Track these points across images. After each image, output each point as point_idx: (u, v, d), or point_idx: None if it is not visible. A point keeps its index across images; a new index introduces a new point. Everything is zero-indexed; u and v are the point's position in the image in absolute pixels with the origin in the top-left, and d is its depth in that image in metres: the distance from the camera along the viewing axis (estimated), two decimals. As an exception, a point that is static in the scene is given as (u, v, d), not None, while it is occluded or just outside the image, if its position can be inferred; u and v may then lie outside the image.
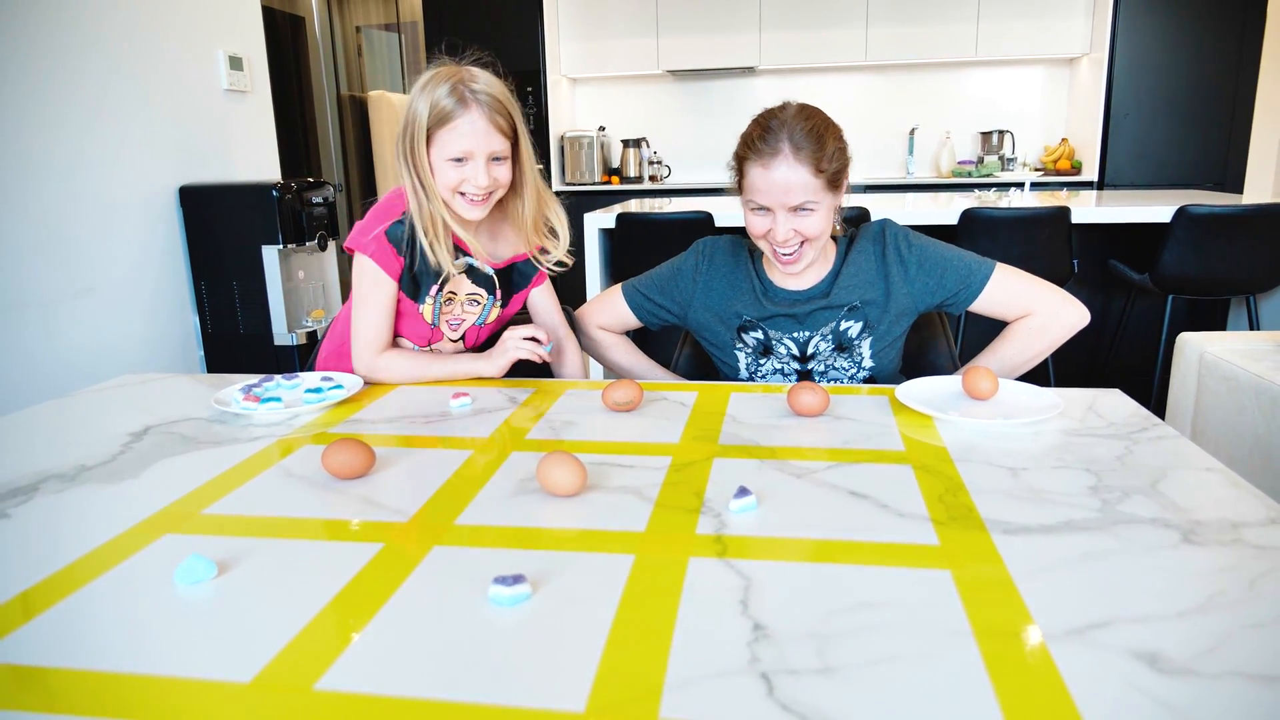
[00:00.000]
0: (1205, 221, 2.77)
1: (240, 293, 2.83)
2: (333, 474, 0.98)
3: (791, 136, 1.31)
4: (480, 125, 1.32)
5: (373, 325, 1.42)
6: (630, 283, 1.62)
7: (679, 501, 0.89)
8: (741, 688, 0.58)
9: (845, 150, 1.38)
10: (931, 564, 0.75)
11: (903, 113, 5.39)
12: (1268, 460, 1.71)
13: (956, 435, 1.08)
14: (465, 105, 1.31)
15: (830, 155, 1.33)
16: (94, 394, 1.40)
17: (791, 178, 1.31)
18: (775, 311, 1.46)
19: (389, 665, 0.62)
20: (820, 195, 1.33)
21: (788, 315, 1.45)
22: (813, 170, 1.31)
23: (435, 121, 1.32)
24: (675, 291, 1.55)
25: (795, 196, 1.32)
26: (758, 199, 1.35)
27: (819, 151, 1.31)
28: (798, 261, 1.39)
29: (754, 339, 1.48)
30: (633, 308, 1.60)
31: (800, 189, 1.31)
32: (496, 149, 1.34)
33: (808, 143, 1.31)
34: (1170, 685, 0.57)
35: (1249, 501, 0.86)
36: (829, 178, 1.33)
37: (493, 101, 1.33)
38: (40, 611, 0.71)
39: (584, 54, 5.45)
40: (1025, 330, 1.44)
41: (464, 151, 1.32)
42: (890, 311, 1.44)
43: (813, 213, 1.34)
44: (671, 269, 1.57)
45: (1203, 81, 4.59)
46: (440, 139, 1.33)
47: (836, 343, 1.45)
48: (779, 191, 1.32)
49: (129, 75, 2.61)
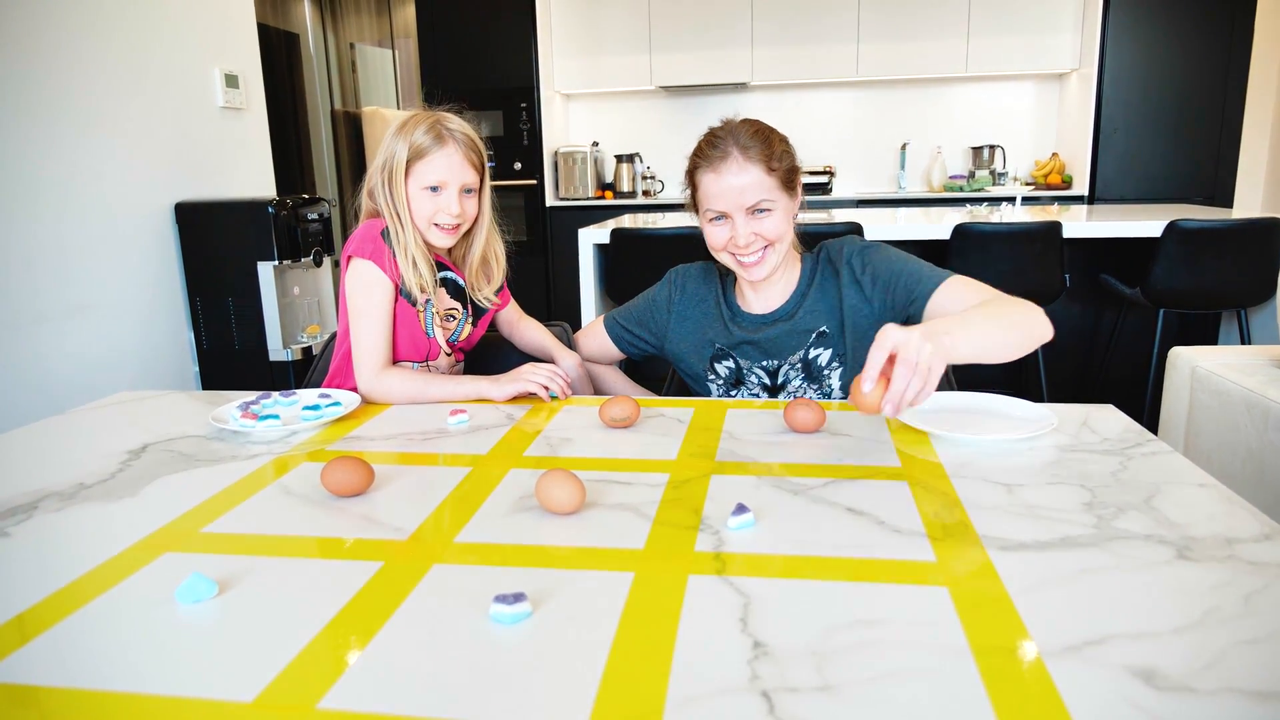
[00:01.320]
0: (1195, 236, 2.80)
1: (236, 309, 2.83)
2: (331, 492, 0.98)
3: (738, 140, 1.34)
4: (455, 159, 1.45)
5: (373, 338, 1.43)
6: (611, 314, 1.64)
7: (677, 519, 0.90)
8: (742, 706, 0.58)
9: (793, 154, 1.39)
10: (928, 580, 0.75)
11: (894, 128, 5.43)
12: (1260, 475, 1.72)
13: (952, 451, 1.09)
14: (442, 141, 1.44)
15: (779, 155, 1.35)
16: (92, 411, 1.40)
17: (744, 178, 1.33)
18: (743, 338, 1.47)
19: (391, 684, 0.62)
20: (775, 195, 1.35)
21: (755, 343, 1.46)
22: (764, 168, 1.33)
23: (414, 155, 1.44)
24: (651, 323, 1.57)
25: (750, 195, 1.33)
26: (714, 205, 1.36)
27: (767, 150, 1.34)
28: (762, 265, 1.38)
29: (726, 368, 1.49)
30: (614, 339, 1.62)
31: (754, 188, 1.33)
32: (468, 181, 1.47)
33: (754, 142, 1.34)
34: (1166, 702, 0.58)
35: (1243, 517, 0.87)
36: (781, 177, 1.35)
37: (466, 140, 1.47)
38: (40, 631, 0.71)
39: (577, 70, 5.49)
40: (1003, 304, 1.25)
41: (439, 180, 1.44)
42: (858, 337, 1.41)
43: (770, 213, 1.35)
44: (646, 300, 1.59)
45: (1191, 96, 4.64)
46: (417, 171, 1.44)
47: (806, 372, 1.44)
48: (734, 193, 1.33)
49: (125, 93, 2.62)
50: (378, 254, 1.44)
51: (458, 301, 1.56)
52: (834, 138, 5.44)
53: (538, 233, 5.31)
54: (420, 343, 1.51)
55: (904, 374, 0.99)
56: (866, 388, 1.00)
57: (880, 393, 0.99)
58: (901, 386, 0.99)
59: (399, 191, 1.45)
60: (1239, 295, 2.88)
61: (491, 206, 1.55)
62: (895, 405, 0.98)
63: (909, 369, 0.99)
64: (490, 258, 1.58)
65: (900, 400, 0.98)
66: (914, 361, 0.99)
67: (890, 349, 1.00)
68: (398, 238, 1.45)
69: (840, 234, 2.89)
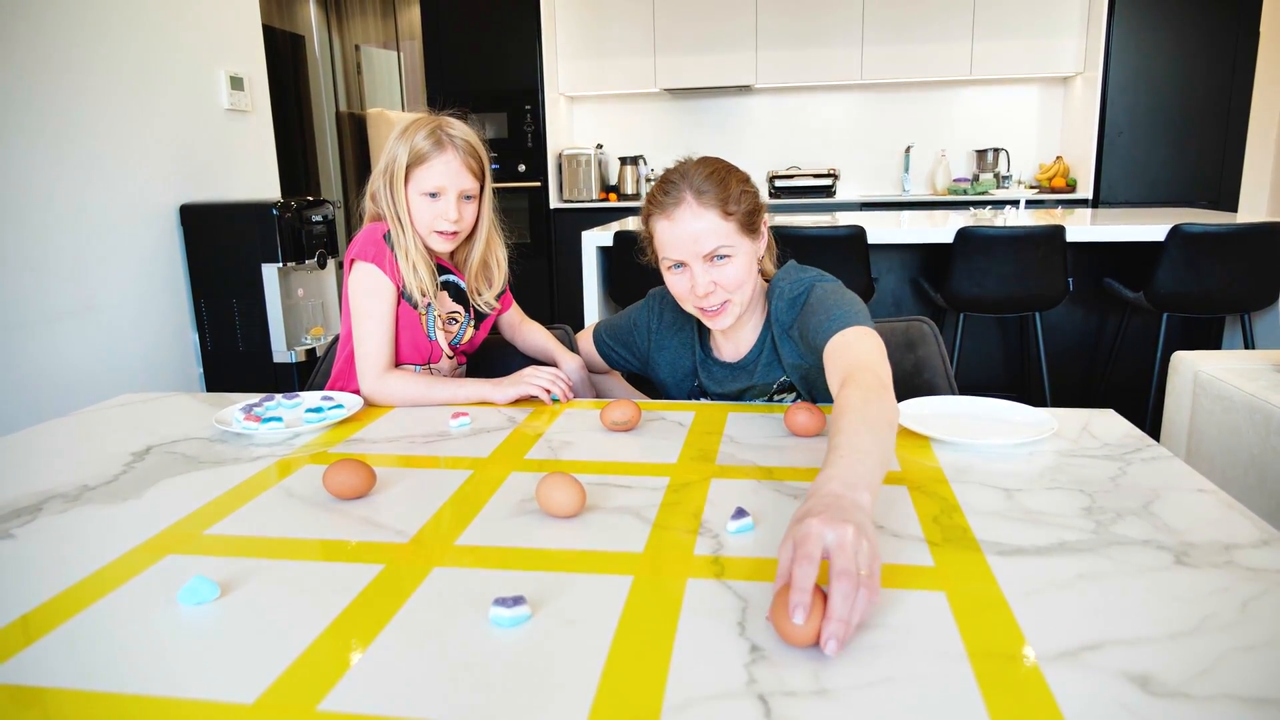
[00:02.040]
0: (1200, 240, 2.79)
1: (240, 311, 2.84)
2: (333, 494, 0.98)
3: (692, 184, 1.27)
4: (454, 165, 1.44)
5: (375, 341, 1.44)
6: (599, 327, 1.63)
7: (677, 522, 0.90)
8: (739, 710, 0.59)
9: (754, 193, 1.32)
10: (926, 585, 0.75)
11: (898, 131, 5.43)
12: (1262, 479, 1.72)
13: (952, 456, 1.09)
14: (442, 147, 1.44)
15: (735, 197, 1.27)
16: (96, 413, 1.40)
17: (698, 224, 1.26)
18: (712, 383, 1.47)
19: (392, 686, 0.62)
20: (734, 240, 1.28)
21: (721, 394, 1.46)
22: (720, 213, 1.26)
23: (414, 160, 1.44)
24: (633, 345, 1.57)
25: (706, 243, 1.26)
26: (669, 254, 1.29)
27: (723, 193, 1.27)
28: (724, 315, 1.32)
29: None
30: (600, 352, 1.62)
31: (710, 234, 1.26)
32: (467, 188, 1.46)
33: (709, 186, 1.27)
34: (1162, 708, 0.58)
35: (1241, 523, 0.87)
36: (740, 220, 1.28)
37: (467, 146, 1.46)
38: (43, 633, 0.71)
39: (582, 72, 5.49)
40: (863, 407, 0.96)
41: (438, 186, 1.44)
42: (810, 385, 1.39)
43: (730, 259, 1.28)
44: (629, 321, 1.57)
45: (1196, 100, 4.64)
46: (417, 176, 1.44)
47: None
48: (689, 240, 1.26)
49: (131, 95, 2.63)
50: (380, 257, 1.45)
51: (460, 305, 1.56)
52: (838, 140, 5.44)
53: (541, 235, 5.32)
54: (422, 346, 1.51)
55: (846, 592, 0.67)
56: (798, 619, 0.66)
57: (816, 621, 0.66)
58: (846, 612, 0.66)
59: (399, 196, 1.45)
60: (1243, 300, 2.87)
61: (493, 211, 1.56)
62: (841, 639, 0.65)
63: (850, 583, 0.67)
64: (491, 262, 1.59)
65: (849, 629, 0.66)
66: (853, 571, 0.68)
67: (815, 557, 0.69)
68: (399, 241, 1.46)
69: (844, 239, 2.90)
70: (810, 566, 0.68)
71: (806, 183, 5.16)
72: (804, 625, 0.64)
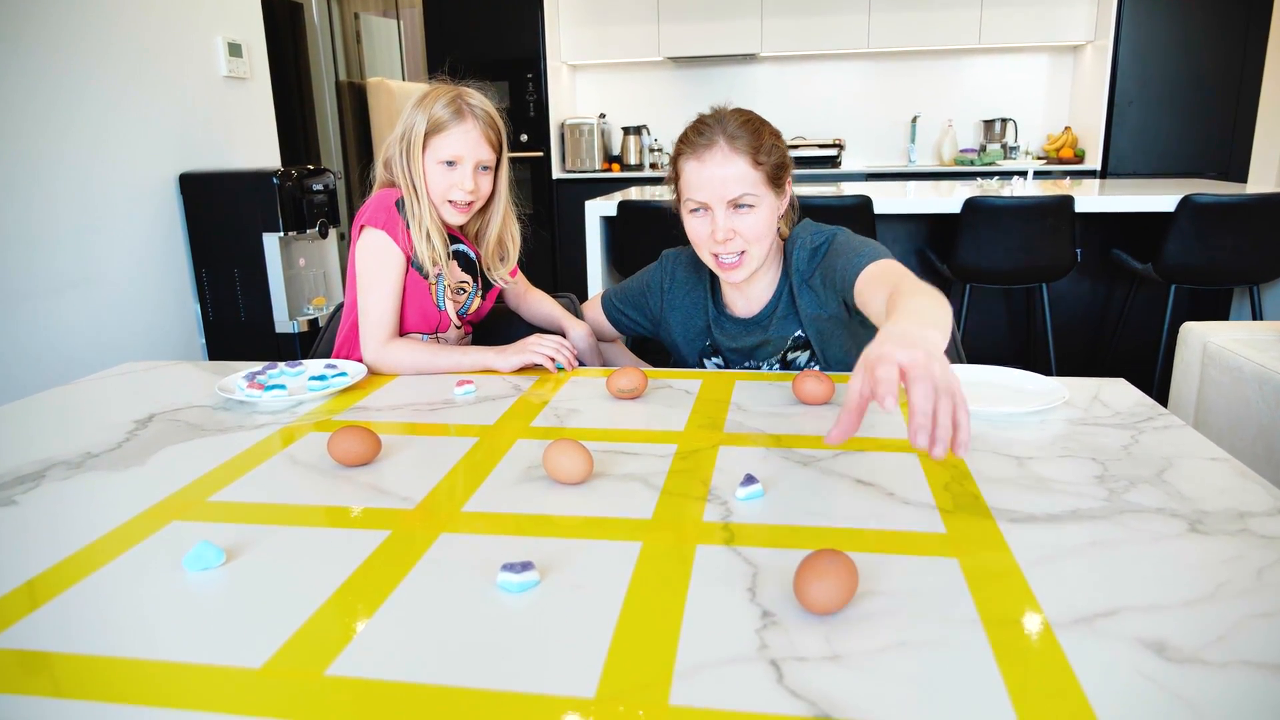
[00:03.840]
0: (1209, 211, 2.76)
1: (241, 280, 2.82)
2: (338, 461, 0.98)
3: (726, 129, 1.28)
4: (473, 135, 1.43)
5: (381, 309, 1.43)
6: (609, 293, 1.63)
7: (685, 489, 0.89)
8: (751, 674, 0.58)
9: (784, 150, 1.33)
10: (938, 552, 0.75)
11: (905, 100, 5.37)
12: (1271, 450, 1.71)
13: (962, 424, 1.08)
14: (462, 116, 1.42)
15: (767, 148, 1.29)
16: (98, 381, 1.39)
17: (728, 169, 1.27)
18: (726, 344, 1.46)
19: (399, 651, 0.62)
20: (760, 190, 1.29)
21: (736, 349, 1.45)
22: (750, 161, 1.27)
23: (432, 128, 1.42)
24: (645, 307, 1.57)
25: (733, 188, 1.27)
26: (695, 195, 1.30)
27: (755, 142, 1.28)
28: (740, 268, 1.33)
29: (714, 364, 1.50)
30: (609, 318, 1.61)
31: (737, 180, 1.27)
32: (484, 158, 1.45)
33: (743, 133, 1.28)
34: (1178, 673, 0.57)
35: (1255, 491, 0.86)
36: (768, 173, 1.29)
37: (486, 116, 1.45)
38: (48, 598, 0.71)
39: (584, 40, 5.42)
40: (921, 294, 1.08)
41: (455, 155, 1.42)
42: (825, 340, 1.39)
43: (753, 209, 1.29)
44: (640, 283, 1.57)
45: (1207, 70, 4.57)
46: (435, 145, 1.43)
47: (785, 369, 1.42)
48: (716, 184, 1.27)
49: (128, 62, 2.60)
50: (391, 224, 1.43)
51: (469, 275, 1.55)
52: (844, 110, 5.38)
53: (544, 205, 5.28)
54: (431, 315, 1.50)
55: (927, 393, 0.74)
56: (890, 405, 0.73)
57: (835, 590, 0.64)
58: (929, 407, 0.73)
59: (416, 164, 1.43)
60: (1252, 271, 2.85)
61: (510, 187, 1.54)
62: (929, 433, 0.73)
63: (928, 385, 0.74)
64: (507, 239, 1.57)
65: (935, 425, 0.73)
66: (931, 378, 0.75)
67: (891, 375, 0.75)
68: (413, 210, 1.44)
69: (851, 208, 2.88)
70: (888, 371, 0.75)
71: (812, 153, 5.11)
72: (827, 593, 0.64)
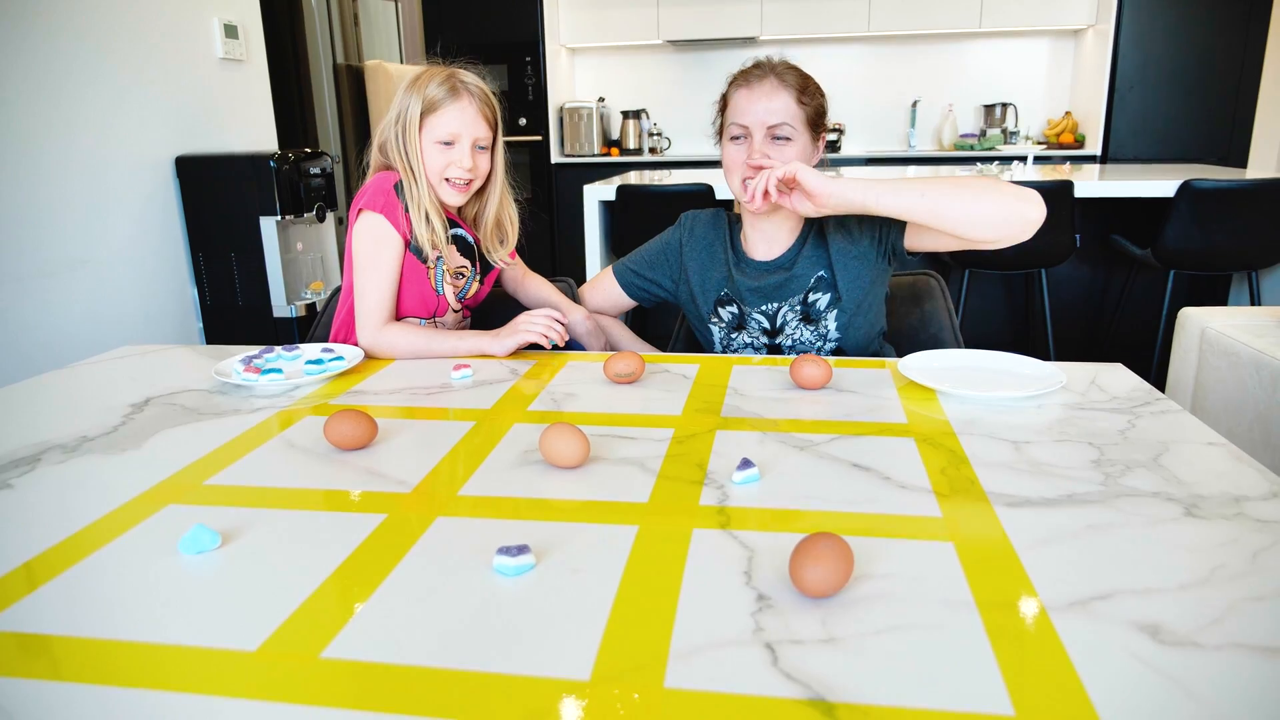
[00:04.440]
0: (1209, 196, 2.76)
1: (238, 264, 2.81)
2: (335, 445, 0.98)
3: (776, 69, 1.39)
4: (470, 112, 1.43)
5: (377, 293, 1.42)
6: (620, 263, 1.64)
7: (682, 473, 0.89)
8: (746, 657, 0.58)
9: (824, 102, 1.43)
10: (934, 536, 0.75)
11: (905, 85, 5.34)
12: (1268, 435, 1.71)
13: (959, 408, 1.08)
14: (457, 94, 1.42)
15: (812, 91, 1.40)
16: (94, 365, 1.39)
17: (774, 99, 1.36)
18: (746, 285, 1.48)
19: (395, 634, 0.62)
20: (799, 126, 1.37)
21: (757, 289, 1.47)
22: (795, 97, 1.37)
23: (428, 108, 1.42)
24: (665, 265, 1.58)
25: (775, 116, 1.36)
26: (739, 119, 1.38)
27: (802, 83, 1.39)
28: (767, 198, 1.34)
29: (729, 313, 1.50)
30: (624, 286, 1.62)
31: (781, 110, 1.36)
32: (481, 136, 1.45)
33: (792, 74, 1.39)
34: (1172, 656, 0.57)
35: (1251, 476, 0.86)
36: (810, 114, 1.39)
37: (481, 94, 1.45)
38: (45, 581, 0.71)
39: (583, 23, 5.39)
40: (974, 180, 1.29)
41: (452, 134, 1.43)
42: (850, 279, 1.42)
43: (790, 142, 1.37)
44: (660, 243, 1.60)
45: (1208, 55, 4.55)
46: (431, 124, 1.43)
47: (804, 315, 1.45)
48: (760, 110, 1.36)
49: (123, 43, 2.58)
50: (390, 208, 1.42)
51: (467, 259, 1.54)
52: (844, 94, 5.35)
53: (543, 189, 5.26)
54: (429, 299, 1.50)
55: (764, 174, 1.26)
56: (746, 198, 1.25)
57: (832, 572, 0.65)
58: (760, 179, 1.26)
59: (413, 145, 1.43)
60: (1251, 257, 2.85)
61: (505, 168, 1.54)
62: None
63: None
64: (505, 220, 1.57)
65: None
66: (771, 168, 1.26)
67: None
68: (411, 193, 1.43)
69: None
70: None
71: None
72: (822, 577, 0.64)
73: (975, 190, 1.25)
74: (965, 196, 1.24)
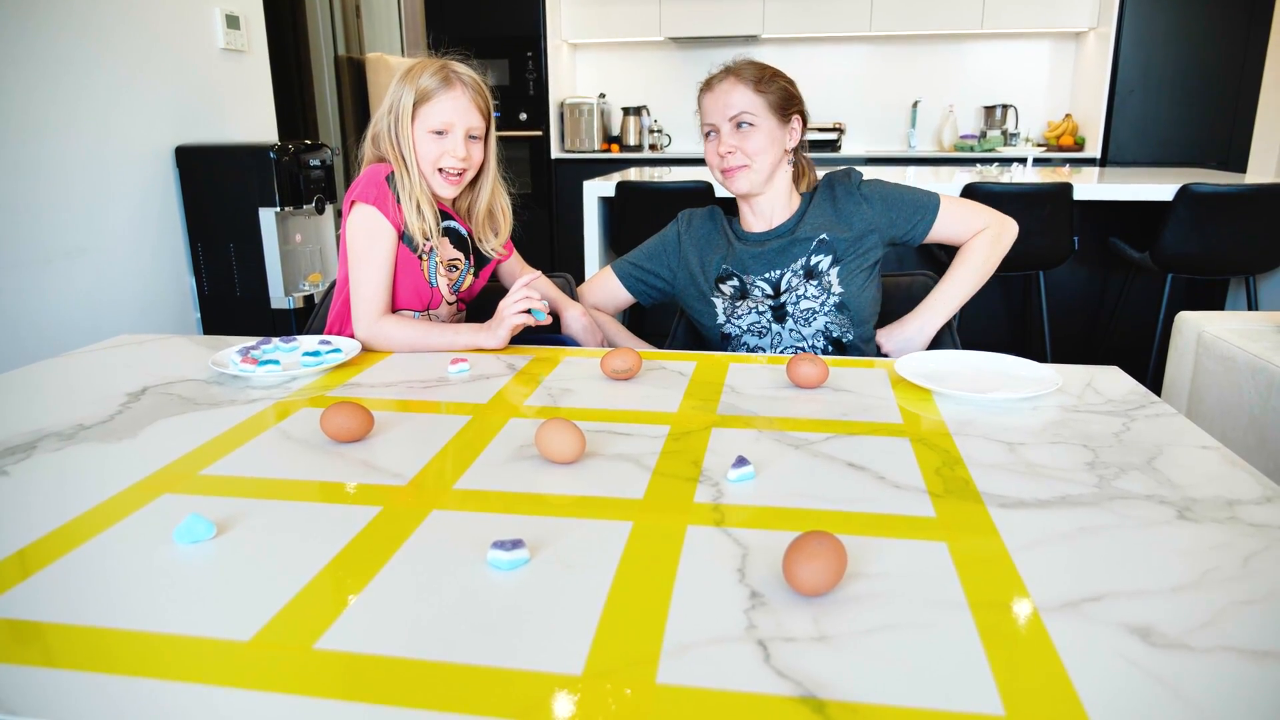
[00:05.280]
0: (1207, 200, 2.76)
1: (237, 255, 2.81)
2: (331, 437, 0.98)
3: (735, 67, 1.51)
4: (463, 102, 1.44)
5: (373, 285, 1.42)
6: (619, 260, 1.68)
7: (677, 470, 0.89)
8: (738, 654, 0.58)
9: (790, 87, 1.52)
10: (928, 536, 0.75)
11: (906, 85, 5.34)
12: (1263, 440, 1.72)
13: (955, 409, 1.08)
14: (450, 84, 1.44)
15: (768, 79, 1.49)
16: (91, 353, 1.39)
17: (732, 93, 1.48)
18: (748, 253, 1.54)
19: (388, 626, 0.62)
20: (760, 113, 1.47)
21: (759, 255, 1.53)
22: (752, 88, 1.47)
23: (421, 98, 1.43)
24: (664, 258, 1.64)
25: (734, 107, 1.47)
26: (707, 119, 1.51)
27: (758, 74, 1.48)
28: (738, 176, 1.49)
29: (731, 286, 1.56)
30: (623, 280, 1.66)
31: (739, 102, 1.47)
32: (474, 126, 1.46)
33: (748, 68, 1.50)
34: (1163, 659, 0.58)
35: (1244, 480, 0.86)
36: (771, 101, 1.48)
37: (474, 84, 1.47)
38: (39, 568, 0.71)
39: (585, 19, 5.38)
40: (988, 239, 1.57)
41: (445, 123, 1.43)
42: (856, 241, 1.52)
43: (754, 129, 1.47)
44: (659, 238, 1.66)
45: (1209, 60, 4.55)
46: (423, 114, 1.44)
47: (807, 275, 1.52)
48: (721, 105, 1.48)
49: (124, 33, 2.57)
50: (382, 200, 1.42)
51: (460, 252, 1.54)
52: (845, 94, 5.35)
53: (542, 185, 5.26)
54: (423, 291, 1.50)
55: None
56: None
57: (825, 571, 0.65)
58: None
59: (405, 136, 1.43)
60: (1249, 261, 2.85)
61: (498, 159, 1.55)
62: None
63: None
64: (497, 210, 1.58)
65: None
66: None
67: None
68: (403, 182, 1.43)
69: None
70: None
71: (812, 136, 5.06)
72: (815, 575, 0.64)
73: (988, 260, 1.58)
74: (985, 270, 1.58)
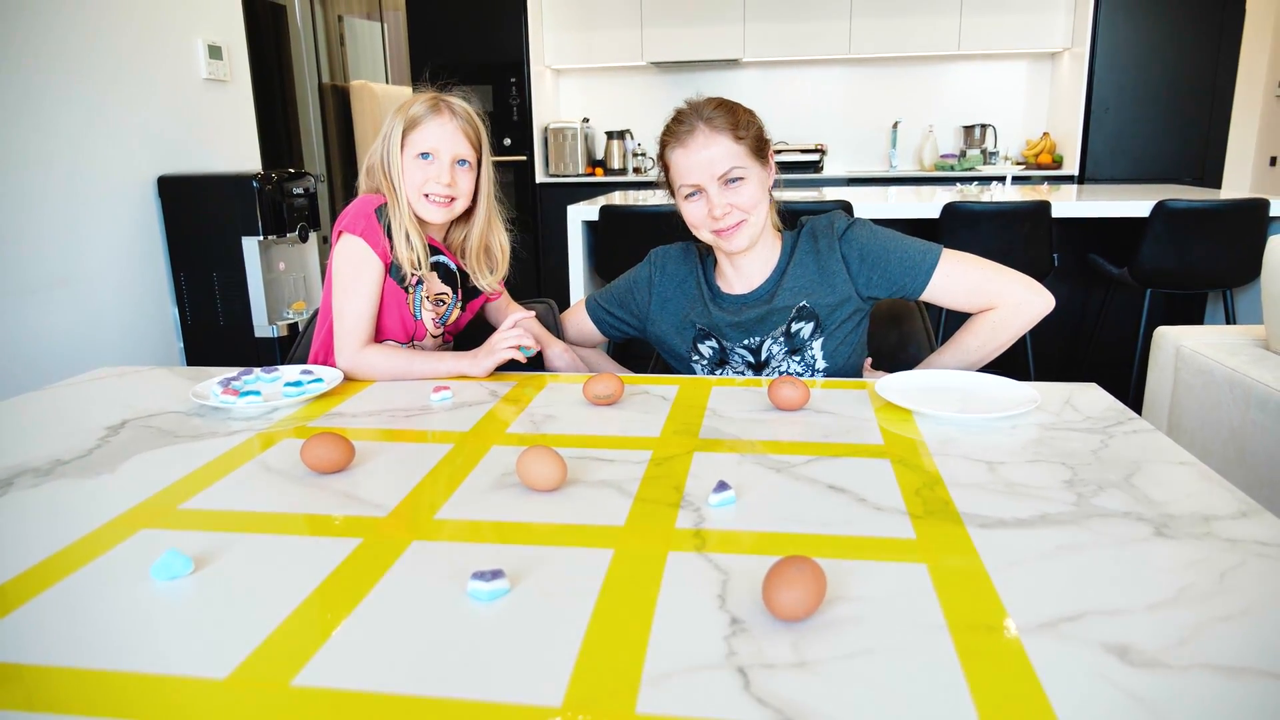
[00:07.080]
0: (1183, 216, 2.80)
1: (220, 284, 2.80)
2: (312, 468, 0.97)
3: (701, 114, 1.36)
4: (449, 128, 1.44)
5: (356, 315, 1.42)
6: (593, 296, 1.63)
7: (659, 495, 0.89)
8: (718, 681, 0.58)
9: (760, 125, 1.40)
10: (908, 557, 0.75)
11: (886, 106, 5.41)
12: (1242, 453, 1.73)
13: (935, 429, 1.09)
14: (438, 111, 1.44)
15: (744, 124, 1.36)
16: (70, 387, 1.38)
17: (713, 148, 1.33)
18: (725, 320, 1.46)
19: (366, 661, 0.62)
20: (746, 162, 1.35)
21: (737, 324, 1.45)
22: (731, 137, 1.34)
23: (409, 125, 1.43)
24: (632, 304, 1.57)
25: (720, 165, 1.34)
26: (686, 180, 1.36)
27: (732, 119, 1.35)
28: (739, 234, 1.37)
29: (710, 348, 1.48)
30: (595, 321, 1.62)
31: (724, 156, 1.34)
32: (461, 153, 1.45)
33: (718, 114, 1.35)
34: (1140, 677, 0.58)
35: (1220, 495, 0.87)
36: (750, 146, 1.36)
37: (464, 113, 1.46)
38: (14, 607, 0.70)
39: (568, 45, 5.43)
40: (989, 324, 1.40)
41: (430, 147, 1.43)
42: (838, 309, 1.42)
43: (744, 181, 1.35)
44: (628, 281, 1.58)
45: (1182, 77, 4.63)
46: (411, 140, 1.44)
47: (789, 344, 1.43)
48: (704, 164, 1.34)
49: (106, 63, 2.58)
50: (370, 231, 1.42)
51: (448, 286, 1.54)
52: (825, 116, 5.41)
53: (527, 209, 5.28)
54: (408, 323, 1.49)
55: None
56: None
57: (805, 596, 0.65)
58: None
59: (394, 162, 1.43)
60: (1226, 276, 2.89)
61: (494, 193, 1.52)
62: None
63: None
64: (494, 245, 1.55)
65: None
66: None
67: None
68: (394, 212, 1.43)
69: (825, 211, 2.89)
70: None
71: (794, 158, 5.13)
72: (795, 600, 0.64)
73: (986, 345, 1.41)
74: (979, 358, 1.42)
